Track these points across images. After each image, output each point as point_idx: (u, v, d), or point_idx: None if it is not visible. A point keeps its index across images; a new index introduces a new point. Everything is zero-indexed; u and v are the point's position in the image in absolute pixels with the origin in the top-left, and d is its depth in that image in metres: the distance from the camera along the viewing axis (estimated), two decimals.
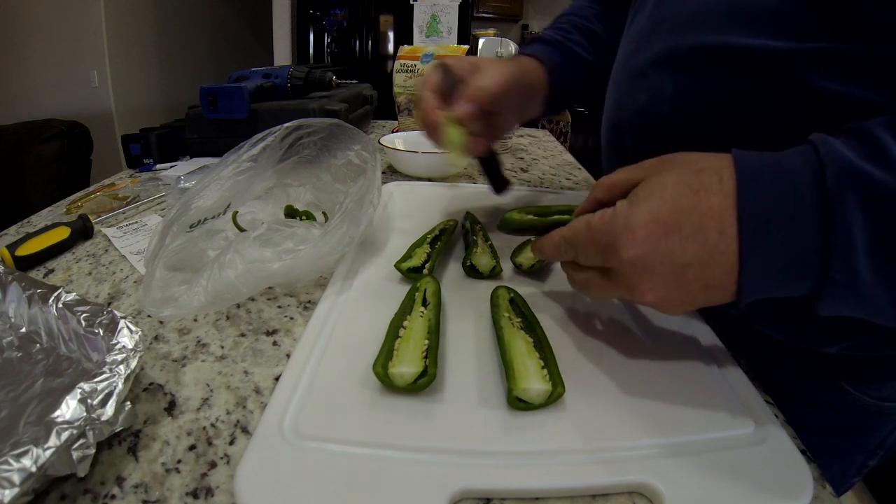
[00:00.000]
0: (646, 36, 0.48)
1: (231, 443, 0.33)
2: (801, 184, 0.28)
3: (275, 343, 0.42)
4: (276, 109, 0.94)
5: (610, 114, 0.54)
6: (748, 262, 0.29)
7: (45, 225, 0.62)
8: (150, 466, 0.31)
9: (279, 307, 0.47)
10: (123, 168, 0.98)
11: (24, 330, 0.40)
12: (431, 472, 0.29)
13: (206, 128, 0.95)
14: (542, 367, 0.35)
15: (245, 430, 0.34)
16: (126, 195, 0.82)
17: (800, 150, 0.29)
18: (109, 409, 0.30)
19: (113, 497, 0.29)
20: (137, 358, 0.33)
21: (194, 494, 0.29)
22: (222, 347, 0.41)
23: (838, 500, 0.30)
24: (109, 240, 0.64)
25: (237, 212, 0.55)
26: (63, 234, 0.61)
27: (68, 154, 2.30)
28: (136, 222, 0.70)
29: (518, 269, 0.52)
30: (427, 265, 0.49)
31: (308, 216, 0.59)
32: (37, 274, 0.55)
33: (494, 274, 0.50)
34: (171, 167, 0.94)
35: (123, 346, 0.33)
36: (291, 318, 0.45)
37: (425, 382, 0.34)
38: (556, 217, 0.48)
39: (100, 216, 0.72)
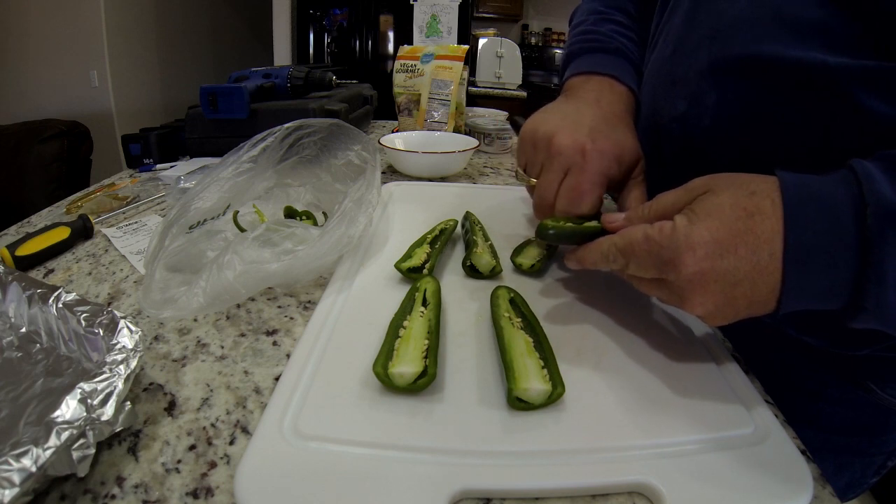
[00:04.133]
0: (684, 39, 0.47)
1: (231, 443, 0.33)
2: (843, 219, 0.29)
3: (275, 343, 0.42)
4: (276, 109, 0.94)
5: (646, 116, 0.54)
6: (789, 285, 0.31)
7: (45, 225, 0.62)
8: (150, 466, 0.31)
9: (279, 307, 0.47)
10: (123, 168, 0.98)
11: (24, 330, 0.40)
12: (431, 472, 0.29)
13: (206, 128, 0.95)
14: (542, 367, 0.35)
15: (245, 430, 0.34)
16: (126, 195, 0.82)
17: (843, 181, 0.31)
18: (109, 409, 0.30)
19: (113, 497, 0.29)
20: (137, 358, 0.33)
21: (194, 494, 0.29)
22: (222, 347, 0.41)
23: (838, 500, 0.30)
24: (109, 240, 0.64)
25: (237, 212, 0.55)
26: (63, 234, 0.61)
27: (68, 154, 2.30)
28: (136, 222, 0.70)
29: (518, 269, 0.52)
30: (427, 265, 0.49)
31: (308, 216, 0.59)
32: (37, 274, 0.55)
33: (494, 274, 0.50)
34: (171, 167, 0.94)
35: (123, 346, 0.33)
36: (291, 318, 0.45)
37: (425, 382, 0.34)
38: (594, 224, 0.45)
39: (100, 216, 0.72)
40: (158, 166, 0.96)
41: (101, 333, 0.34)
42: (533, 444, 0.31)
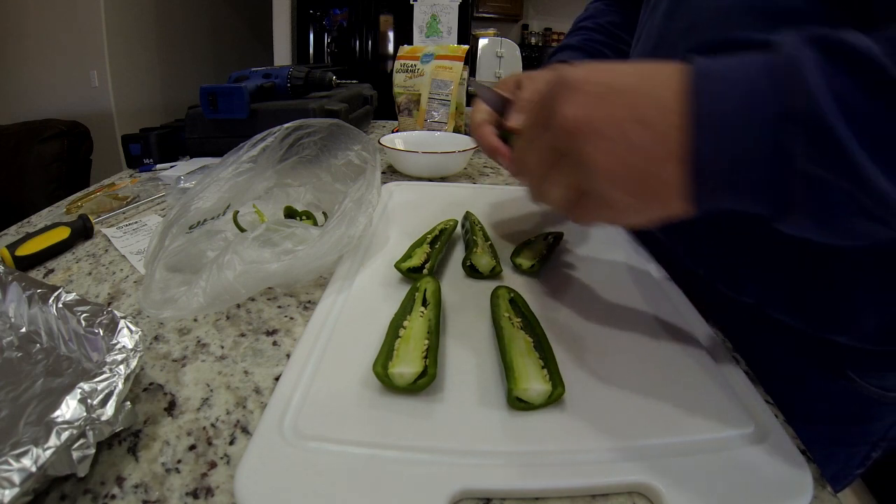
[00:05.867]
0: (664, 34, 0.48)
1: (231, 443, 0.33)
2: (750, 56, 0.27)
3: (275, 343, 0.42)
4: (276, 109, 0.94)
5: None
6: (699, 110, 0.27)
7: (45, 225, 0.62)
8: (150, 466, 0.31)
9: (279, 307, 0.47)
10: (123, 168, 0.98)
11: (24, 330, 0.40)
12: (431, 472, 0.29)
13: (206, 128, 0.96)
14: (542, 367, 0.35)
15: (245, 430, 0.34)
16: (126, 195, 0.82)
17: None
18: (109, 409, 0.30)
19: (113, 497, 0.29)
20: (137, 358, 0.33)
21: (194, 494, 0.29)
22: (222, 347, 0.41)
23: (838, 500, 0.30)
24: (109, 240, 0.64)
25: (237, 212, 0.55)
26: (63, 234, 0.61)
27: (68, 154, 2.30)
28: (136, 222, 0.70)
29: (518, 269, 0.52)
30: (427, 265, 0.49)
31: (308, 216, 0.59)
32: (37, 274, 0.55)
33: (494, 274, 0.50)
34: (171, 167, 0.94)
35: (123, 346, 0.33)
36: (291, 318, 0.45)
37: (425, 382, 0.34)
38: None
39: (100, 216, 0.72)
40: (158, 166, 0.96)
41: (101, 333, 0.34)
42: (533, 445, 0.31)
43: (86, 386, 0.30)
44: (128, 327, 0.34)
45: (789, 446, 0.31)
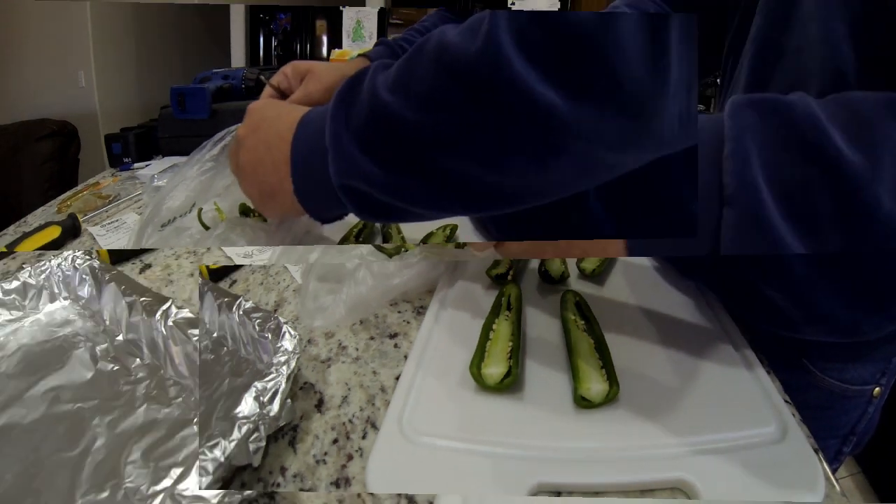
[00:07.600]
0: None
1: (363, 437, 0.36)
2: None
3: (396, 345, 0.46)
4: (236, 109, 0.94)
5: None
6: (292, 145, 0.38)
7: (39, 224, 0.60)
8: (304, 458, 0.34)
9: (399, 312, 0.50)
10: (107, 167, 0.94)
11: (215, 335, 0.42)
12: (514, 468, 0.32)
13: (177, 127, 0.94)
14: (602, 368, 0.38)
15: (374, 426, 0.37)
16: (108, 194, 0.80)
17: None
18: (276, 405, 0.33)
19: (278, 485, 0.32)
20: (296, 359, 0.36)
21: (336, 484, 0.33)
22: (357, 349, 0.45)
23: (846, 499, 0.32)
24: (95, 238, 0.63)
25: (202, 209, 0.55)
26: (55, 233, 0.61)
27: (59, 153, 2.13)
28: (117, 220, 0.69)
29: (582, 273, 0.55)
30: (511, 271, 0.53)
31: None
32: None
33: (563, 279, 0.54)
34: (147, 166, 0.92)
35: (285, 349, 0.36)
36: (408, 322, 0.49)
37: (510, 382, 0.37)
38: None
39: (86, 215, 0.71)
40: (136, 165, 0.93)
41: (270, 337, 0.37)
42: (595, 442, 0.34)
43: (259, 385, 0.33)
44: (289, 332, 0.37)
45: (804, 445, 0.33)
